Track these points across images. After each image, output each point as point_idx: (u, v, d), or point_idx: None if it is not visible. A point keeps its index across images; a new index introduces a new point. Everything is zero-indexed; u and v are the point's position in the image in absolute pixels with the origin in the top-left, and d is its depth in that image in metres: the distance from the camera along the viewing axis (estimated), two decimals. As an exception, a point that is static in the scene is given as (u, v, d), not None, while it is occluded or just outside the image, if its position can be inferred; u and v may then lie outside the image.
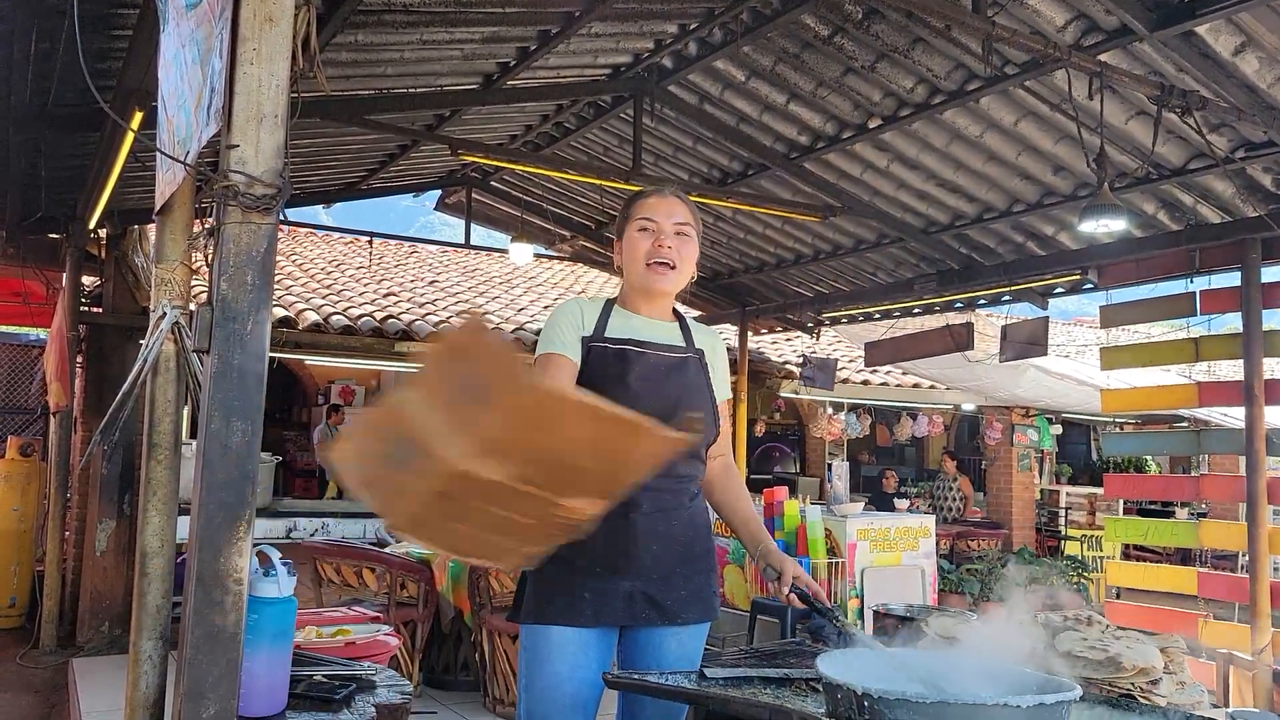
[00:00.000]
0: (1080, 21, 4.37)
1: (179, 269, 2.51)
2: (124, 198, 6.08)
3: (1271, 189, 5.21)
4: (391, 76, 5.37)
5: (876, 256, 7.64)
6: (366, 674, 2.28)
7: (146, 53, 3.39)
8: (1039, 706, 1.48)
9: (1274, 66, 4.34)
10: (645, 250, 2.26)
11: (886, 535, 5.93)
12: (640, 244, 2.27)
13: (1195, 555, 10.71)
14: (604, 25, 5.11)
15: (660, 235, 2.26)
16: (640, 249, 2.27)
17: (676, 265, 2.27)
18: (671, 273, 2.27)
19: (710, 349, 2.36)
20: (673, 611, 2.18)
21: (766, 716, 1.58)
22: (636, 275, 2.29)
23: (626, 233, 2.31)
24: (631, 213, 2.31)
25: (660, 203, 2.29)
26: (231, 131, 1.91)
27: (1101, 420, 14.28)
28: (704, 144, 6.61)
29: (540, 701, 2.12)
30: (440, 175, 8.33)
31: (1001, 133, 5.46)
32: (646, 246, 2.26)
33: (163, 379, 2.49)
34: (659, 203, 2.29)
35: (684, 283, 2.33)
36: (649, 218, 2.28)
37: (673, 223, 2.27)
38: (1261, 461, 5.27)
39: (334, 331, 8.08)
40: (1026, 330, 7.42)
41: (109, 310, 7.05)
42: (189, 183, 2.46)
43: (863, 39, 4.92)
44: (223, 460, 1.88)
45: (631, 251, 2.28)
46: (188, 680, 1.82)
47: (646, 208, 2.29)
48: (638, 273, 2.28)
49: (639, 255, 2.27)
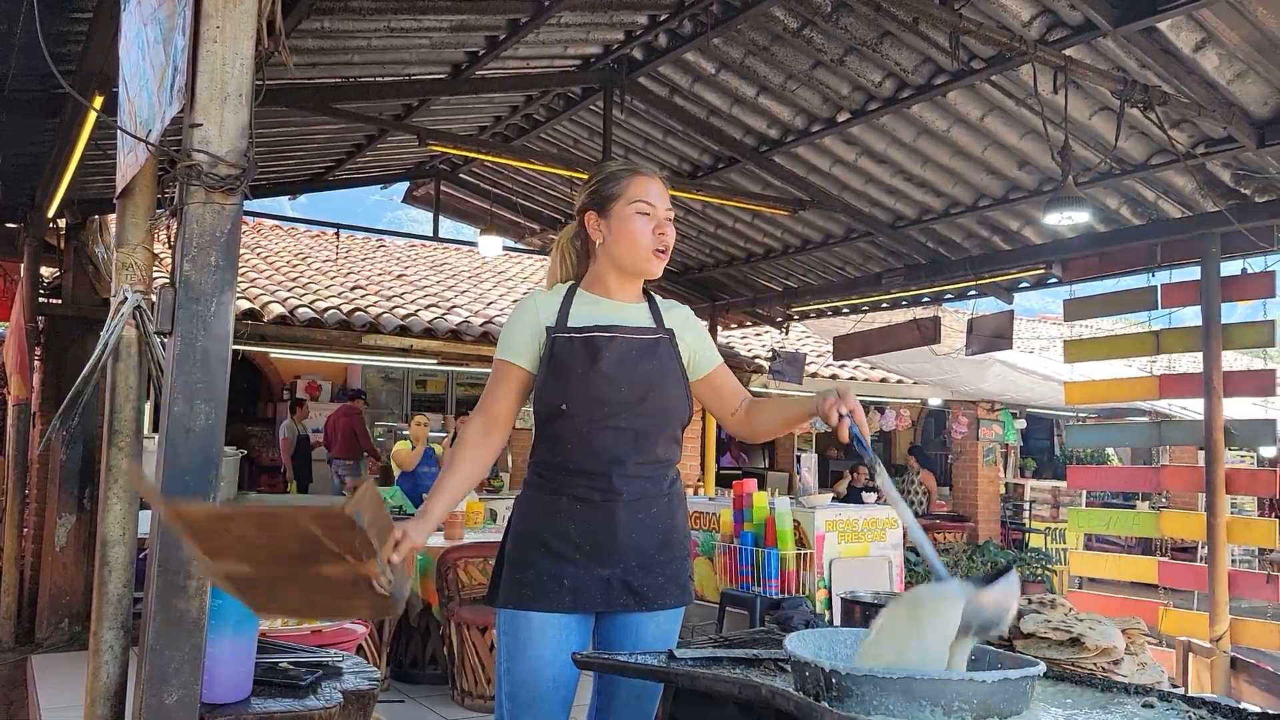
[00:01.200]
0: (1045, 16, 4.43)
1: (140, 252, 2.47)
2: (84, 186, 5.98)
3: (1230, 184, 5.30)
4: (358, 65, 5.32)
5: (845, 251, 7.68)
6: (333, 661, 2.26)
7: (107, 36, 3.33)
8: (1004, 681, 1.49)
9: (1233, 63, 4.41)
10: (648, 235, 2.23)
11: (854, 526, 5.97)
12: (641, 228, 2.22)
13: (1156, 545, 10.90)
14: (574, 15, 5.09)
15: (660, 222, 2.24)
16: (643, 234, 2.22)
17: (668, 251, 2.28)
18: (665, 259, 2.27)
19: (681, 325, 2.32)
20: (650, 598, 2.18)
21: (735, 692, 1.58)
22: (632, 259, 2.24)
23: (617, 211, 2.24)
24: (623, 191, 2.25)
25: (655, 185, 2.27)
26: (195, 110, 1.89)
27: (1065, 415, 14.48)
28: (674, 136, 6.62)
29: (523, 685, 2.11)
30: (408, 166, 8.27)
31: (968, 127, 5.51)
32: (649, 232, 2.23)
33: (124, 365, 2.45)
34: (655, 186, 2.27)
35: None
36: (649, 201, 2.24)
37: (665, 208, 2.27)
38: (1219, 453, 5.37)
39: (300, 324, 8.00)
40: (992, 324, 7.50)
41: (68, 301, 6.92)
42: (151, 165, 2.43)
43: (831, 32, 4.94)
44: (186, 444, 1.86)
45: (629, 234, 2.23)
46: (150, 666, 1.80)
47: (642, 188, 2.25)
48: (636, 257, 2.24)
49: (641, 240, 2.22)
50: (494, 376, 2.26)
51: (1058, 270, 6.58)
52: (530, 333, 2.22)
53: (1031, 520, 12.54)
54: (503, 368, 2.24)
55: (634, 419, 2.16)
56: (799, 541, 5.76)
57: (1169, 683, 2.33)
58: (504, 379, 2.23)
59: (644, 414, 2.17)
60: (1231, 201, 5.32)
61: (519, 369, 2.22)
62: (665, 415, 2.22)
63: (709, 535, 6.15)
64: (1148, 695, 1.71)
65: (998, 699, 1.48)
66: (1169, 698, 1.69)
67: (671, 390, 2.23)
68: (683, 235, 8.32)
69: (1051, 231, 6.23)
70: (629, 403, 2.16)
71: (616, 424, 2.15)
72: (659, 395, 2.20)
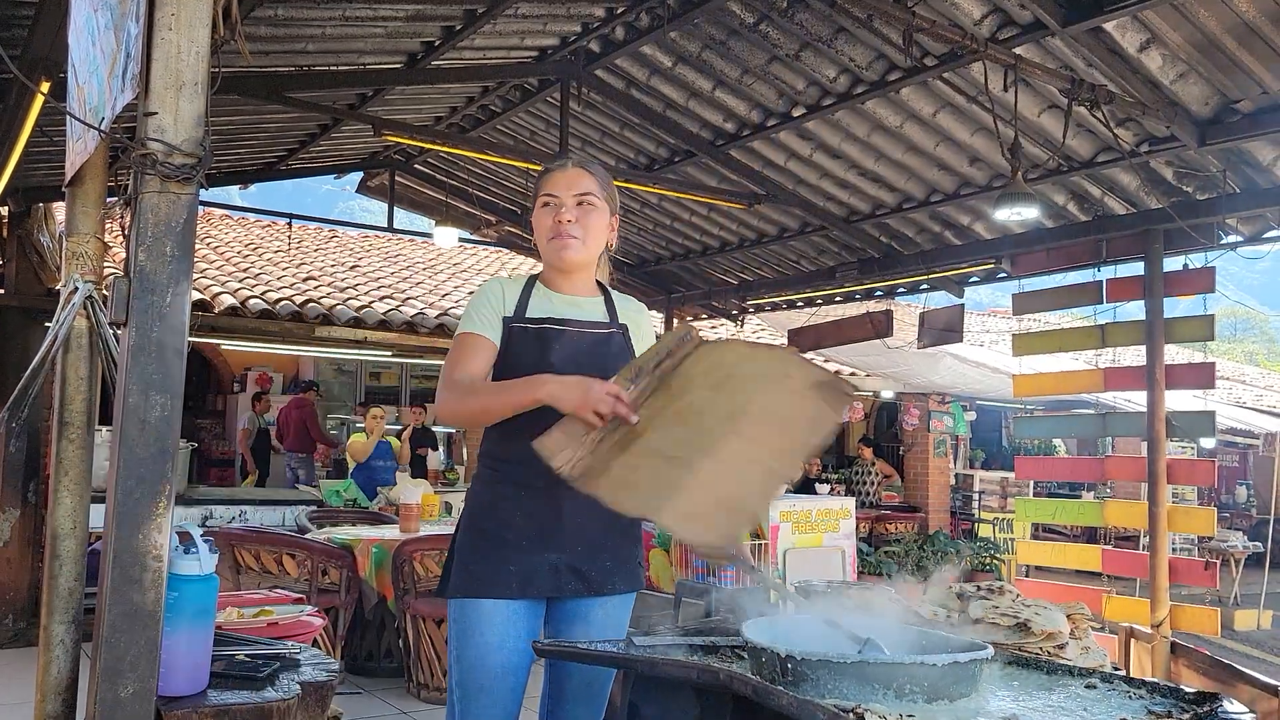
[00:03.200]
0: (996, 15, 4.51)
1: (91, 242, 2.43)
2: (28, 174, 5.84)
3: (1173, 182, 5.44)
4: (313, 54, 5.26)
5: (800, 244, 7.76)
6: (290, 653, 2.25)
7: (54, 21, 3.26)
8: (953, 665, 1.54)
9: (1176, 64, 4.53)
10: (548, 226, 2.26)
11: (808, 517, 6.05)
12: (544, 220, 2.27)
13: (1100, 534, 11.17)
14: (530, 6, 5.08)
15: (560, 209, 2.25)
16: (544, 225, 2.27)
17: (580, 236, 2.25)
18: (574, 242, 2.25)
19: (635, 323, 2.37)
20: (598, 582, 2.21)
21: (694, 677, 1.61)
22: (543, 251, 2.30)
23: (534, 210, 2.33)
24: (538, 189, 2.32)
25: (561, 176, 2.29)
26: (149, 99, 1.86)
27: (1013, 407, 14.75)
28: (631, 130, 6.63)
29: (470, 671, 2.13)
30: (363, 156, 8.18)
31: (920, 123, 5.60)
32: (549, 222, 2.26)
33: (74, 355, 2.41)
34: (560, 176, 2.29)
35: (593, 253, 2.31)
36: (550, 193, 2.28)
37: (573, 194, 2.26)
38: (1161, 443, 5.51)
39: (252, 316, 7.89)
40: (943, 317, 7.62)
41: (12, 292, 6.77)
42: (102, 153, 2.39)
43: (787, 27, 4.98)
44: (141, 435, 1.84)
45: (538, 229, 2.30)
46: (105, 659, 1.78)
47: (549, 183, 2.29)
48: (544, 248, 2.29)
49: (543, 231, 2.28)
50: (461, 349, 2.23)
51: (1007, 265, 6.71)
52: (494, 311, 2.25)
53: (981, 510, 12.77)
54: (472, 340, 2.22)
55: None
56: (754, 532, 5.82)
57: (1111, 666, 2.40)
58: (475, 349, 2.22)
59: None
60: (1174, 199, 5.46)
61: (488, 340, 2.23)
62: None
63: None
64: (1091, 677, 1.77)
65: (947, 681, 1.53)
66: (1111, 679, 1.75)
67: None
68: (639, 228, 8.35)
69: (1001, 227, 6.35)
70: None
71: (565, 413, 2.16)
72: None
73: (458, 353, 2.23)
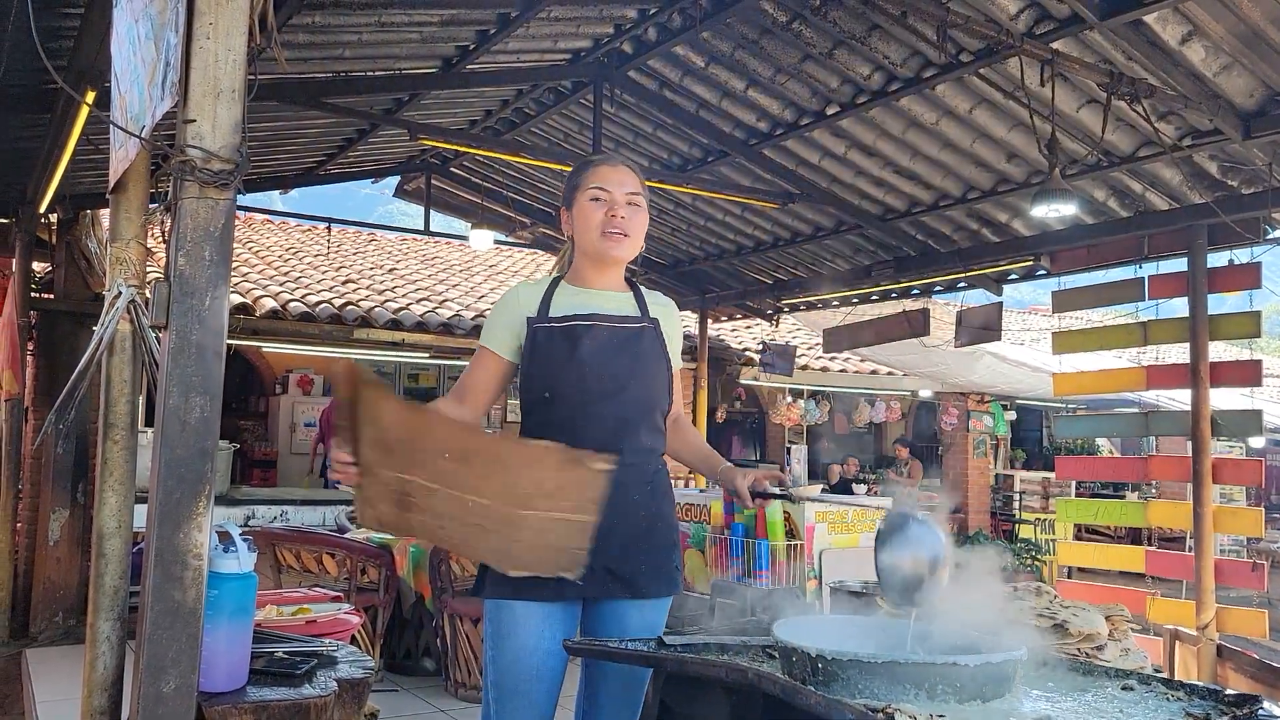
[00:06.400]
0: (1033, 9, 4.45)
1: (134, 247, 2.49)
2: (76, 181, 5.97)
3: (1217, 176, 5.34)
4: (349, 59, 5.32)
5: (834, 243, 7.71)
6: (328, 650, 2.28)
7: (98, 32, 3.34)
8: (985, 665, 1.53)
9: (1219, 55, 4.45)
10: (599, 220, 2.27)
11: (844, 518, 6.01)
12: (594, 213, 2.28)
13: (1144, 535, 10.97)
14: (563, 9, 5.10)
15: (614, 205, 2.27)
16: (594, 218, 2.27)
17: (629, 234, 2.29)
18: (625, 240, 2.29)
19: (665, 318, 2.37)
20: (635, 584, 2.21)
21: (723, 676, 1.61)
22: (590, 244, 2.29)
23: (578, 202, 2.31)
24: (582, 181, 2.31)
25: (612, 172, 2.30)
26: (188, 106, 1.90)
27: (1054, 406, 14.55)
28: (663, 130, 6.63)
29: (506, 673, 2.14)
30: (399, 160, 8.27)
31: (956, 120, 5.54)
32: (600, 216, 2.27)
33: (118, 359, 2.47)
34: (611, 172, 2.31)
35: (635, 252, 2.35)
36: (602, 187, 2.28)
37: (624, 192, 2.29)
38: (1206, 443, 5.41)
39: (292, 319, 8.01)
40: (981, 316, 7.54)
41: (60, 296, 6.93)
42: (143, 160, 2.44)
43: (821, 25, 4.96)
44: (181, 436, 1.88)
45: (585, 221, 2.29)
46: (148, 655, 1.82)
47: (598, 176, 2.30)
48: (592, 241, 2.29)
49: (593, 224, 2.27)
50: (473, 359, 2.36)
51: (1046, 262, 6.62)
52: (510, 322, 2.29)
53: (1021, 511, 12.62)
54: (481, 353, 2.34)
55: (617, 406, 2.20)
56: (789, 533, 5.79)
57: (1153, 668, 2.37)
58: (480, 363, 2.33)
59: (626, 402, 2.21)
60: (1218, 193, 5.36)
61: (495, 355, 2.30)
62: (647, 403, 2.26)
63: (700, 527, 6.18)
64: (1127, 679, 1.75)
65: (980, 682, 1.52)
66: (1149, 681, 1.73)
67: (654, 378, 2.27)
68: (672, 228, 8.35)
69: (1039, 224, 6.27)
70: (610, 391, 2.20)
71: (599, 411, 2.19)
72: (641, 383, 2.24)
73: (470, 363, 2.37)
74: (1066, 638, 2.14)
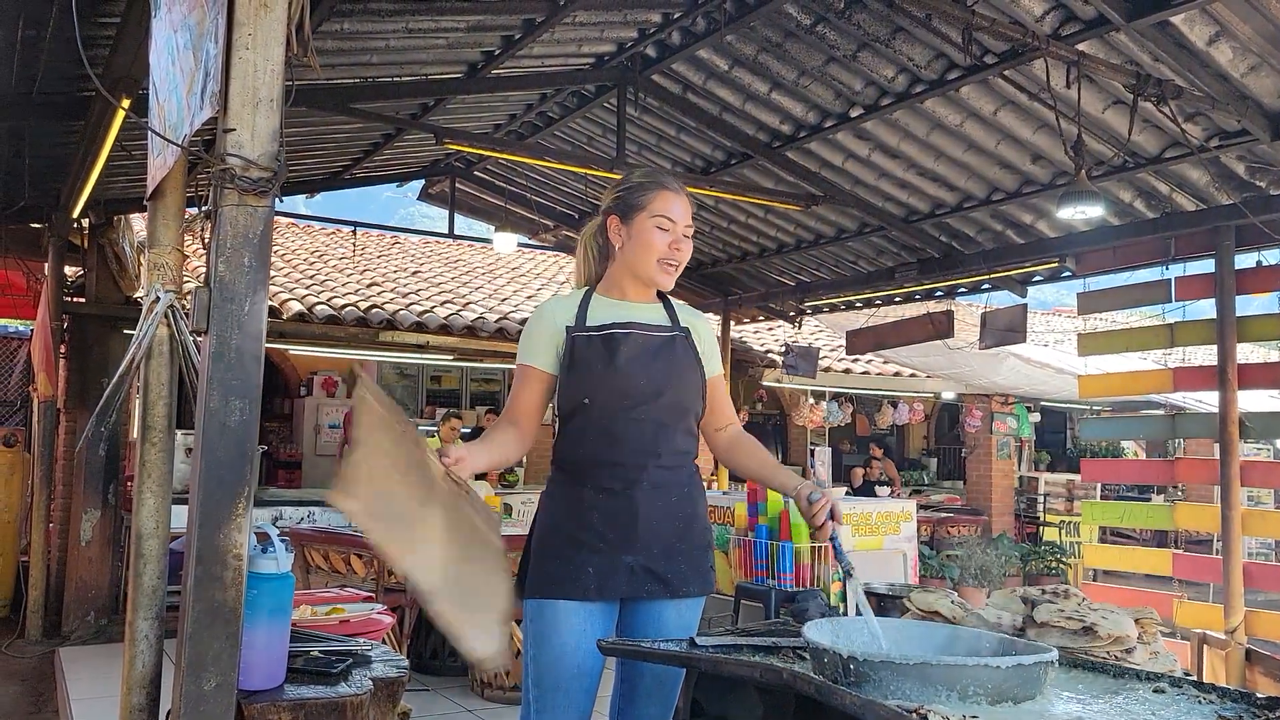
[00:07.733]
0: (1058, 11, 4.44)
1: (172, 253, 2.53)
2: (108, 186, 6.07)
3: (1245, 177, 5.30)
4: (377, 65, 5.38)
5: (858, 245, 7.71)
6: (362, 649, 2.32)
7: (135, 41, 3.40)
8: (1017, 667, 1.54)
9: (1246, 56, 4.42)
10: (661, 250, 2.32)
11: (868, 520, 6.00)
12: (657, 241, 2.32)
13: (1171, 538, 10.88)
14: (588, 14, 5.13)
15: (677, 239, 2.34)
16: (657, 247, 2.32)
17: (681, 266, 2.38)
18: (676, 273, 2.37)
19: (694, 327, 2.42)
20: (674, 584, 2.25)
21: (757, 676, 1.63)
22: (644, 267, 2.34)
23: (639, 221, 2.34)
24: (647, 203, 2.34)
25: (678, 202, 2.36)
26: (228, 116, 1.94)
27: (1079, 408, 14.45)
28: (687, 133, 6.65)
29: (547, 672, 2.18)
30: (424, 164, 8.33)
31: (981, 122, 5.53)
32: (663, 247, 2.32)
33: (156, 363, 2.51)
34: (677, 202, 2.36)
35: None
36: (669, 217, 2.33)
37: (685, 225, 2.36)
38: (1234, 445, 5.37)
39: (318, 321, 8.08)
40: (1006, 318, 7.51)
41: (92, 300, 7.02)
42: (180, 167, 2.49)
43: (844, 28, 4.97)
44: (222, 439, 1.92)
45: (645, 245, 2.33)
46: (189, 654, 1.86)
47: (666, 204, 2.34)
48: (647, 266, 2.33)
49: (653, 252, 2.32)
50: (516, 380, 2.38)
51: (1071, 264, 6.59)
52: (548, 335, 2.32)
53: (1046, 514, 12.54)
54: (523, 371, 2.35)
55: (653, 411, 2.25)
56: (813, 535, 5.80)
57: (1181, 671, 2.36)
58: (526, 382, 2.34)
59: (662, 406, 2.26)
60: (1246, 194, 5.32)
61: (538, 370, 2.33)
62: (682, 408, 2.31)
63: (724, 529, 6.19)
64: (1159, 681, 1.75)
65: (1012, 684, 1.53)
66: (1180, 683, 1.73)
67: (688, 384, 2.33)
68: (696, 231, 8.31)
69: (1065, 225, 6.24)
70: (648, 396, 2.24)
71: (636, 416, 2.23)
72: (676, 388, 2.29)
73: (514, 385, 2.39)
74: (1096, 640, 2.13)
